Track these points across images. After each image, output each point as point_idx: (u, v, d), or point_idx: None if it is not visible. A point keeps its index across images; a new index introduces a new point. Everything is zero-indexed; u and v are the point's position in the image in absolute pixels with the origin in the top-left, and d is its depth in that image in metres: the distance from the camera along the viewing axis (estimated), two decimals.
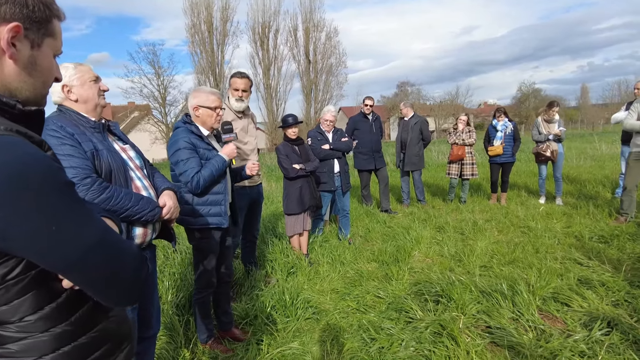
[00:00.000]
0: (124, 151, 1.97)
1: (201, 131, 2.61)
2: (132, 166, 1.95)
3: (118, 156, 1.86)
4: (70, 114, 1.82)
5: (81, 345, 0.87)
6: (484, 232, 5.14)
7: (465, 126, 6.86)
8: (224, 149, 2.61)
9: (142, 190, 1.92)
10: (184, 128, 2.57)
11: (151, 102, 29.78)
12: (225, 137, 2.66)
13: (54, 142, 1.68)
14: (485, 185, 8.33)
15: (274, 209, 7.12)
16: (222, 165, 2.55)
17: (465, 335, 2.69)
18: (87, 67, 1.88)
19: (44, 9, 0.83)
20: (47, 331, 0.81)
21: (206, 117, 2.60)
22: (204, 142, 2.59)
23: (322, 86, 32.19)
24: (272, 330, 2.98)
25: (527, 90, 51.07)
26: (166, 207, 1.94)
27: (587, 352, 2.38)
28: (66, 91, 1.82)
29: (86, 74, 1.85)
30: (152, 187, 2.02)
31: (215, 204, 2.60)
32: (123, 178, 1.83)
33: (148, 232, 1.94)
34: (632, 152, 5.02)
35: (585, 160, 11.52)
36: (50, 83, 0.91)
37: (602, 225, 5.05)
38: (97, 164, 1.76)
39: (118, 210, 1.74)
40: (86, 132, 1.80)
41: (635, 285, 3.17)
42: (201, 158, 2.53)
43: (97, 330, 0.91)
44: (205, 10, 28.82)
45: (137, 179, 1.93)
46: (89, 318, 0.89)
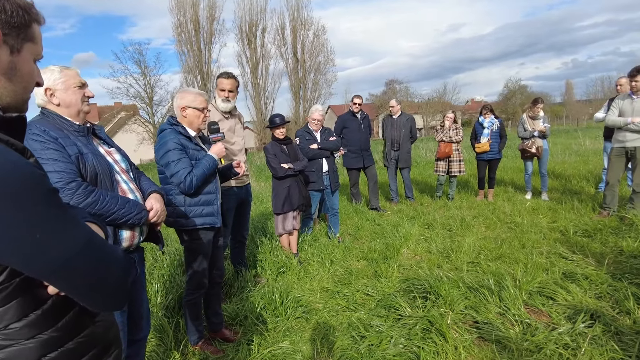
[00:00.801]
0: (109, 154, 1.96)
1: (188, 132, 2.60)
2: (117, 169, 1.94)
3: (103, 159, 1.85)
4: (53, 118, 1.80)
5: (68, 351, 0.87)
6: (471, 228, 5.20)
7: (452, 123, 6.93)
8: (213, 149, 2.61)
9: (128, 194, 1.92)
10: (171, 129, 2.56)
11: (138, 102, 29.41)
12: (213, 137, 2.66)
13: (37, 147, 1.66)
14: (472, 182, 8.43)
15: (263, 209, 7.12)
16: (213, 164, 2.55)
17: (454, 330, 2.73)
18: (73, 72, 1.86)
19: (22, 13, 0.82)
20: (33, 338, 0.81)
21: (193, 118, 2.60)
22: (192, 143, 2.58)
23: (310, 85, 32.18)
24: (262, 330, 2.99)
25: (514, 86, 51.68)
26: (153, 210, 1.94)
27: (571, 345, 2.43)
28: (49, 94, 1.80)
29: (71, 79, 1.82)
30: (138, 190, 2.01)
31: (208, 203, 2.60)
32: (109, 181, 1.82)
33: (136, 235, 1.93)
34: (613, 147, 5.13)
35: (570, 156, 11.71)
36: (32, 88, 0.91)
37: (586, 219, 5.15)
38: (82, 167, 1.74)
39: (104, 214, 1.73)
40: (70, 136, 1.78)
41: (617, 278, 3.24)
42: (190, 159, 2.52)
43: (84, 336, 0.91)
44: (192, 9, 28.58)
45: (123, 182, 1.93)
46: (76, 324, 0.89)
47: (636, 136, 4.82)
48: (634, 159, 4.90)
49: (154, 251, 4.40)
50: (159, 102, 29.63)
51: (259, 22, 30.51)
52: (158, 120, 29.49)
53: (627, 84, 4.98)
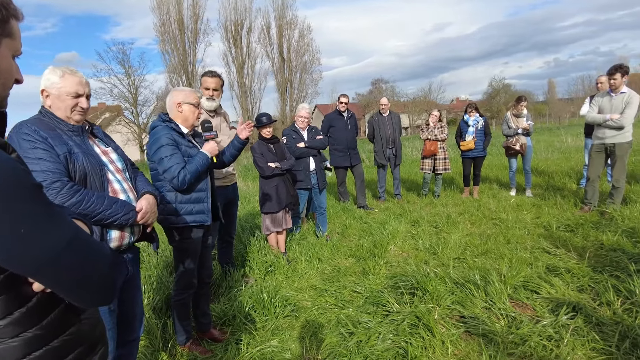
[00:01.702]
0: (105, 154, 1.97)
1: (181, 129, 2.60)
2: (112, 169, 1.95)
3: (96, 159, 1.86)
4: (49, 117, 1.84)
5: (53, 349, 0.86)
6: (457, 225, 5.27)
7: (436, 122, 7.00)
8: (206, 146, 2.59)
9: (119, 194, 1.92)
10: (164, 125, 2.55)
11: (122, 102, 29.07)
12: (207, 135, 2.65)
13: (26, 146, 1.69)
14: (458, 179, 8.53)
15: (250, 208, 7.09)
16: (206, 161, 2.54)
17: (441, 325, 2.77)
18: (74, 80, 1.85)
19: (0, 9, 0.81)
20: (18, 336, 0.80)
21: (189, 114, 2.60)
22: (185, 140, 2.57)
23: (297, 84, 32.19)
24: (250, 330, 2.99)
25: (498, 85, 52.43)
26: (142, 211, 1.94)
27: (554, 336, 2.49)
28: (44, 95, 1.85)
29: (68, 88, 1.83)
30: (132, 190, 2.02)
31: (199, 201, 2.59)
32: (99, 181, 1.83)
33: (125, 236, 1.94)
34: (593, 144, 5.25)
35: (553, 153, 11.93)
36: (10, 85, 0.89)
37: (568, 215, 5.26)
38: (71, 167, 1.76)
39: (89, 214, 1.73)
40: (63, 136, 1.80)
41: (598, 271, 3.32)
42: (183, 155, 2.51)
43: (70, 334, 0.90)
44: (175, 8, 28.30)
45: (116, 182, 1.94)
46: (61, 321, 0.89)
47: (615, 133, 4.95)
48: (613, 155, 5.02)
49: (141, 252, 4.34)
50: (143, 103, 29.37)
51: (244, 22, 30.41)
52: (143, 121, 29.19)
53: (607, 82, 5.10)
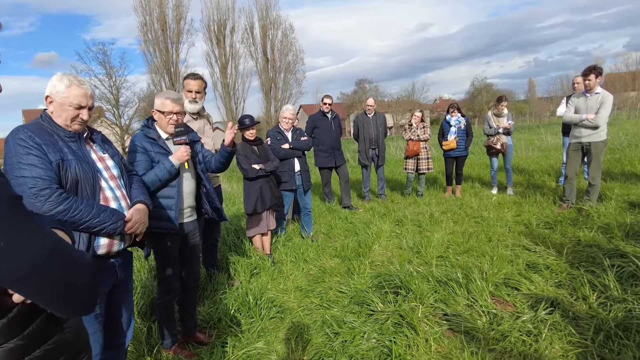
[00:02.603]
0: (101, 160, 1.99)
1: (158, 134, 2.61)
2: (106, 176, 1.97)
3: (90, 166, 1.88)
4: (48, 121, 1.86)
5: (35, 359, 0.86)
6: (440, 223, 5.34)
7: (419, 122, 7.08)
8: (175, 153, 2.56)
9: (111, 201, 1.94)
10: (140, 132, 2.61)
11: (104, 104, 28.56)
12: (176, 140, 2.60)
13: (20, 151, 1.71)
14: (440, 179, 8.65)
15: (235, 210, 7.07)
16: (170, 169, 2.51)
17: (424, 324, 2.81)
18: (79, 92, 1.86)
19: None
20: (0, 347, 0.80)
21: (160, 121, 2.63)
22: (157, 146, 2.56)
23: (281, 84, 32.11)
24: (236, 332, 2.99)
25: (480, 85, 53.08)
26: (130, 222, 1.95)
27: (534, 331, 2.56)
28: (48, 101, 1.87)
29: (71, 99, 1.84)
30: (125, 197, 2.03)
31: (165, 208, 2.56)
32: (90, 189, 1.86)
33: (114, 243, 1.95)
34: (570, 143, 5.39)
35: (533, 152, 12.18)
36: None
37: (547, 212, 5.39)
38: (63, 174, 1.78)
39: (77, 221, 1.75)
40: (59, 142, 1.82)
41: (575, 267, 3.42)
42: (153, 161, 2.52)
43: (52, 343, 0.90)
44: (158, 8, 27.95)
45: (109, 189, 1.96)
46: (43, 331, 0.89)
47: (591, 132, 5.09)
48: (589, 153, 5.17)
49: None
50: (125, 104, 28.92)
51: (228, 21, 30.22)
52: (125, 122, 28.73)
53: (583, 82, 5.25)
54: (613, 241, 3.84)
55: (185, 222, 2.73)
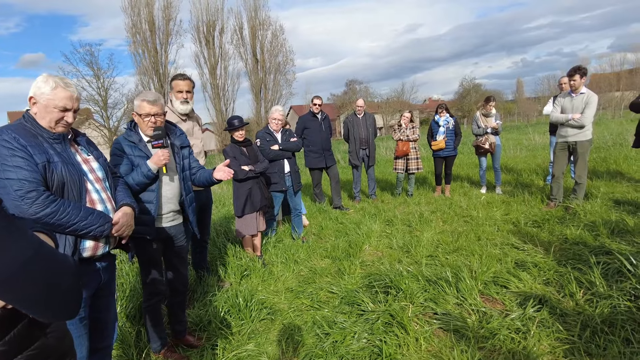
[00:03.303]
0: (85, 162, 1.96)
1: (139, 137, 2.56)
2: (91, 178, 1.95)
3: (76, 168, 1.86)
4: (32, 122, 1.82)
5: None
6: (429, 223, 5.38)
7: (408, 123, 7.12)
8: (152, 157, 2.50)
9: (97, 204, 1.92)
10: (122, 136, 2.58)
11: (91, 105, 28.20)
12: (154, 144, 2.53)
13: (5, 153, 1.69)
14: (430, 178, 8.71)
15: (225, 212, 7.03)
16: (147, 173, 2.45)
17: (414, 323, 2.82)
18: (65, 95, 1.83)
19: None
20: None
21: (139, 124, 2.58)
22: (137, 149, 2.52)
23: (271, 85, 32.02)
24: (226, 334, 2.97)
25: (468, 85, 53.63)
26: (117, 225, 1.94)
27: (522, 329, 2.58)
28: (32, 102, 1.83)
29: (56, 101, 1.81)
30: (110, 200, 2.01)
31: (144, 212, 2.52)
32: (77, 191, 1.84)
33: (100, 246, 1.94)
34: (557, 142, 5.47)
35: (521, 151, 12.31)
36: None
37: (535, 211, 5.45)
38: (49, 176, 1.75)
39: (64, 224, 1.74)
40: (44, 143, 1.80)
41: (562, 264, 3.46)
42: (133, 165, 2.49)
43: (35, 348, 0.89)
44: (146, 9, 27.70)
45: (95, 192, 1.94)
46: (25, 336, 0.87)
47: (576, 131, 5.17)
48: (575, 152, 5.25)
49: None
50: (113, 105, 28.59)
51: (217, 22, 30.05)
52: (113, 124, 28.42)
53: (568, 82, 5.32)
54: (599, 239, 3.90)
55: (167, 227, 2.67)
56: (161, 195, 2.61)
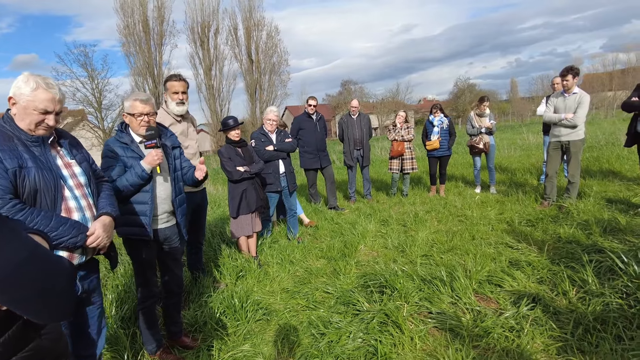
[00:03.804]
0: (67, 167, 1.88)
1: (131, 138, 2.55)
2: (72, 184, 1.86)
3: (53, 174, 1.77)
4: (10, 123, 1.76)
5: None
6: (424, 222, 5.40)
7: (403, 123, 7.15)
8: (146, 158, 2.49)
9: (74, 212, 1.84)
10: (113, 137, 2.56)
11: (86, 106, 28.02)
12: (147, 144, 2.52)
13: None
14: (425, 178, 8.74)
15: (220, 213, 7.02)
16: (141, 174, 2.44)
17: (409, 322, 2.84)
18: (46, 96, 1.74)
19: None
20: None
21: (132, 124, 2.56)
22: (130, 150, 2.52)
23: (266, 85, 31.95)
24: (222, 335, 2.97)
25: (463, 85, 53.79)
26: (92, 236, 1.85)
27: (516, 327, 2.61)
28: (11, 103, 1.77)
29: (37, 103, 1.72)
30: (91, 207, 1.93)
31: (139, 214, 2.51)
32: (51, 198, 1.74)
33: (75, 257, 1.87)
34: (551, 142, 5.51)
35: (515, 151, 12.38)
36: None
37: (529, 210, 5.49)
38: (19, 183, 1.67)
39: None
40: (18, 147, 1.72)
41: (556, 263, 3.49)
42: (125, 166, 2.48)
43: (29, 350, 0.89)
44: (140, 9, 27.57)
45: (73, 199, 1.84)
46: (20, 338, 0.87)
47: (569, 131, 5.21)
48: (568, 152, 5.29)
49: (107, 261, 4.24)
50: (108, 107, 28.41)
51: (211, 23, 29.94)
52: (108, 125, 28.26)
53: (561, 82, 5.37)
54: (591, 237, 3.93)
55: (162, 228, 2.66)
56: (156, 196, 2.60)
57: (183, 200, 2.79)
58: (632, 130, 4.76)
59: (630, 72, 40.25)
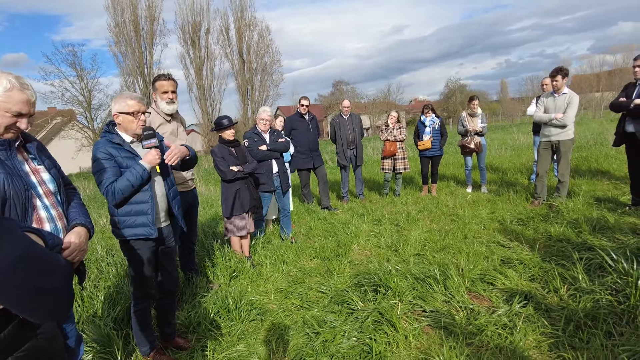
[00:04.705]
0: (35, 173, 1.75)
1: (122, 139, 2.51)
2: (41, 192, 1.73)
3: (22, 181, 1.63)
4: None
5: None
6: (417, 222, 5.43)
7: (395, 123, 7.18)
8: (145, 157, 2.48)
9: (45, 223, 1.72)
10: (103, 139, 2.49)
11: (75, 107, 27.71)
12: (146, 144, 2.50)
13: None
14: (417, 178, 8.79)
15: (213, 213, 7.00)
16: (142, 173, 2.43)
17: (403, 320, 2.86)
18: (21, 98, 1.61)
19: None
20: None
21: (127, 124, 2.51)
22: (124, 150, 2.49)
23: (257, 86, 31.88)
24: (216, 336, 2.96)
25: (454, 86, 54.19)
26: (68, 249, 1.65)
27: (509, 324, 2.63)
28: None
29: (10, 105, 1.59)
30: (62, 217, 1.80)
31: (141, 213, 2.50)
32: (21, 208, 1.60)
33: None
34: (541, 141, 5.58)
35: (506, 150, 12.50)
36: None
37: (520, 209, 5.55)
38: None
39: None
40: None
41: (547, 261, 3.53)
42: (121, 167, 2.44)
43: (25, 350, 0.88)
44: (130, 8, 27.34)
45: (43, 209, 1.72)
46: (16, 337, 0.86)
47: (559, 131, 5.28)
48: (558, 151, 5.36)
49: (99, 262, 4.20)
50: (98, 107, 28.14)
51: (202, 23, 29.80)
52: (98, 126, 27.98)
53: (551, 83, 5.44)
54: (581, 235, 3.99)
55: (162, 227, 2.67)
56: (155, 194, 2.59)
57: (176, 193, 2.79)
58: (620, 130, 4.82)
59: (617, 73, 40.89)
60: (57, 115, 30.69)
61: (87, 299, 3.38)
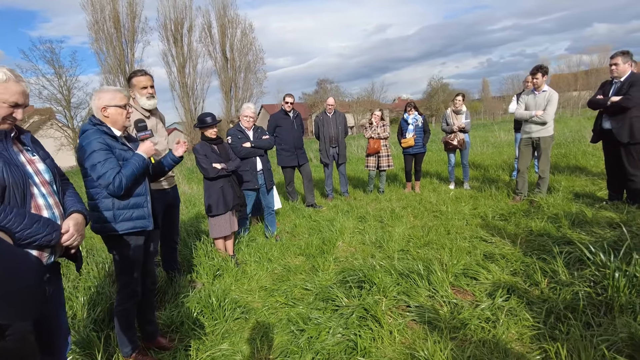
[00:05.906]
0: (31, 163, 1.80)
1: (114, 132, 2.47)
2: (37, 181, 1.78)
3: (19, 170, 1.69)
4: None
5: None
6: (401, 218, 5.46)
7: (379, 121, 7.21)
8: (141, 147, 2.47)
9: (43, 210, 1.77)
10: (95, 129, 2.40)
11: (53, 105, 27.04)
12: (141, 135, 2.51)
13: None
14: (400, 175, 8.84)
15: (196, 212, 6.91)
16: (143, 163, 2.43)
17: (388, 316, 2.86)
18: (17, 89, 1.67)
19: None
20: None
21: (117, 117, 2.46)
22: (118, 143, 2.45)
23: (241, 84, 31.68)
24: (200, 335, 2.92)
25: (436, 84, 54.83)
26: (68, 233, 1.79)
27: (492, 318, 2.67)
28: None
29: (7, 95, 1.64)
30: (58, 205, 1.86)
31: (138, 206, 2.47)
32: (20, 195, 1.67)
33: (44, 256, 1.77)
34: (522, 138, 5.68)
35: (488, 148, 12.69)
36: None
37: (502, 205, 5.63)
38: None
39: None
40: None
41: (528, 255, 3.59)
42: (118, 159, 2.39)
43: None
44: (110, 5, 26.78)
45: (40, 197, 1.77)
46: None
47: (539, 127, 5.38)
48: (539, 148, 5.46)
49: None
50: (77, 105, 27.54)
51: (185, 20, 29.43)
52: (77, 124, 27.38)
53: (531, 81, 5.53)
54: (561, 230, 4.07)
55: None
56: (149, 187, 2.56)
57: None
58: (598, 127, 4.93)
59: (594, 73, 41.95)
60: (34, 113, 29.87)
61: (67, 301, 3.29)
